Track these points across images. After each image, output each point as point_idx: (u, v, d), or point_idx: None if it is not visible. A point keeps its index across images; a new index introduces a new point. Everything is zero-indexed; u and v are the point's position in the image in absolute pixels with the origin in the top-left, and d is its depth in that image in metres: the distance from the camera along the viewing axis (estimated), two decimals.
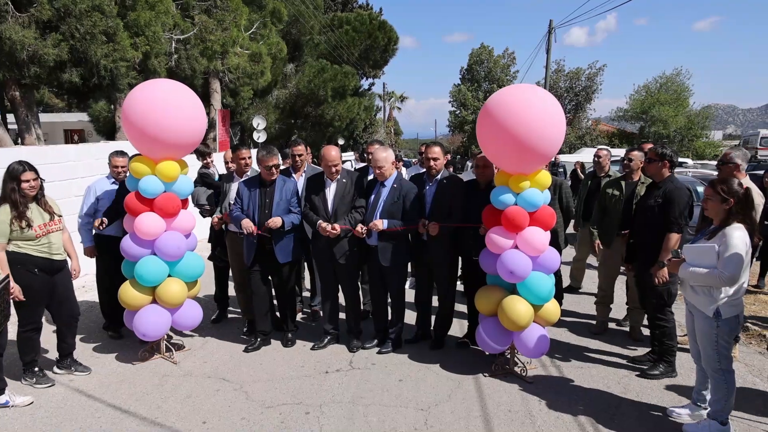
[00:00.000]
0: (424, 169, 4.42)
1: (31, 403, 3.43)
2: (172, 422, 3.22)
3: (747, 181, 4.04)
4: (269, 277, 4.41)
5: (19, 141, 10.63)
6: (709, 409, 3.06)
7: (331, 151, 4.17)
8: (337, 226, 4.09)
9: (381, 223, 4.04)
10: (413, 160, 16.67)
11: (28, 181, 3.49)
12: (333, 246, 4.21)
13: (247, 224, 4.09)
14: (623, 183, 4.59)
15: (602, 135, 32.01)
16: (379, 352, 4.27)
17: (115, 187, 4.50)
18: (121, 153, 4.60)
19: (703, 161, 20.70)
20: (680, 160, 16.60)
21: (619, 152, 15.71)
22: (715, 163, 16.60)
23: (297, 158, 4.76)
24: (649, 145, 4.90)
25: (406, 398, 3.53)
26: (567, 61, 56.07)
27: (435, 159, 4.18)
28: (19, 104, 9.12)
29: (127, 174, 4.45)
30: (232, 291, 5.14)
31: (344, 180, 4.25)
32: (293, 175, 4.87)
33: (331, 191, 4.24)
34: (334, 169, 4.18)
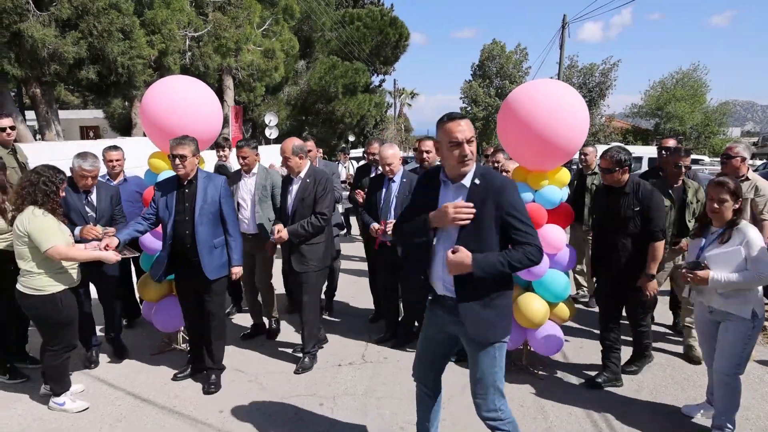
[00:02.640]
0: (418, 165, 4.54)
1: (86, 408, 3.34)
2: (189, 411, 3.31)
3: (752, 175, 4.00)
4: (199, 295, 3.61)
5: (38, 137, 10.86)
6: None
7: (287, 144, 3.78)
8: (283, 232, 3.72)
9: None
10: (411, 155, 16.65)
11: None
12: (291, 253, 3.85)
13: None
14: (671, 191, 4.02)
15: (616, 132, 31.65)
16: (393, 346, 4.31)
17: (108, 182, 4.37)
18: (114, 147, 4.55)
19: (717, 158, 20.42)
20: (696, 157, 16.37)
21: (633, 149, 15.58)
22: None
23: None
24: (671, 141, 4.75)
25: None
26: (580, 57, 55.51)
27: (428, 152, 4.27)
28: (40, 101, 9.32)
29: (121, 168, 4.48)
30: None
31: (308, 180, 3.82)
32: None
33: (292, 191, 3.88)
34: (288, 164, 3.81)
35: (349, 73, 21.68)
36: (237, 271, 3.61)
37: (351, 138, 24.88)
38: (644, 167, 12.71)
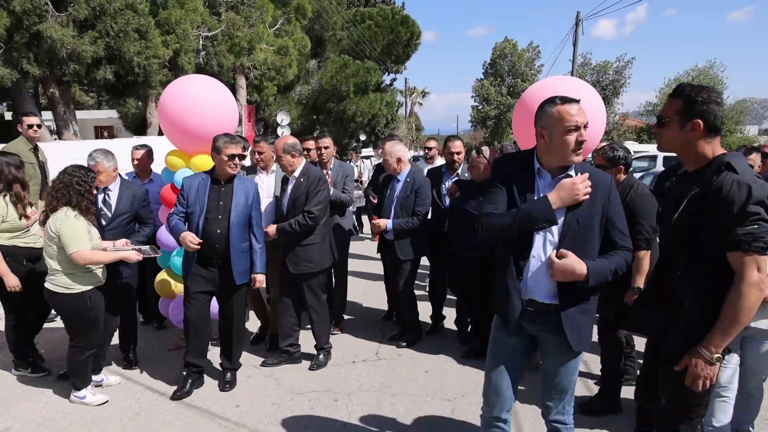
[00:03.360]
0: (430, 165, 4.67)
1: (106, 401, 3.40)
2: (207, 405, 3.35)
3: None
4: (214, 300, 3.62)
5: (54, 137, 11.05)
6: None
7: (279, 143, 3.72)
8: (270, 228, 3.74)
9: (385, 223, 4.10)
10: (420, 154, 16.61)
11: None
12: (286, 255, 3.80)
13: (190, 239, 3.24)
14: None
15: (630, 130, 31.29)
16: (398, 346, 4.29)
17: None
18: (140, 146, 4.58)
19: None
20: None
21: (648, 148, 15.36)
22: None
23: (322, 151, 4.65)
24: None
25: (433, 389, 3.59)
26: (594, 54, 54.94)
27: (458, 153, 4.30)
28: (58, 101, 9.47)
29: (144, 167, 4.50)
30: None
31: (301, 179, 3.76)
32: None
33: (287, 191, 3.82)
34: (280, 163, 3.76)
35: (360, 72, 21.72)
36: (261, 278, 3.57)
37: (362, 137, 24.94)
38: (659, 167, 12.50)
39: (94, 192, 3.31)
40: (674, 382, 1.91)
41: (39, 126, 4.61)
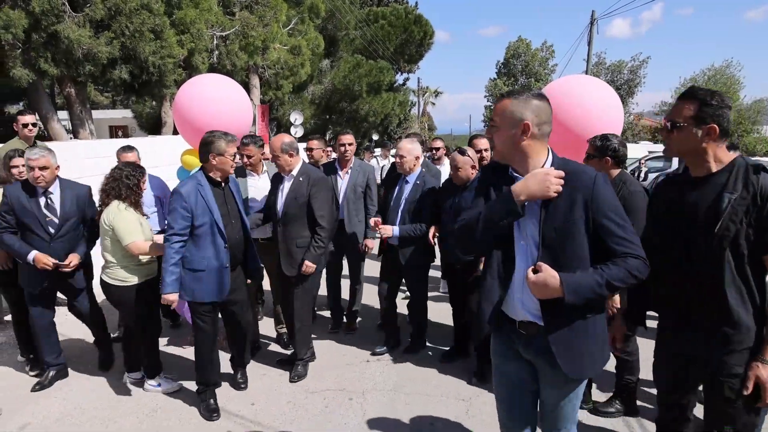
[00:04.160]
0: (438, 165, 4.54)
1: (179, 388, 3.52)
2: (222, 403, 3.36)
3: None
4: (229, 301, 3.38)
5: (71, 136, 11.21)
6: None
7: (276, 142, 3.57)
8: (310, 267, 3.55)
9: (391, 230, 3.83)
10: (427, 155, 16.42)
11: (17, 166, 3.71)
12: (282, 256, 3.65)
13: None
14: None
15: (645, 130, 30.90)
16: (387, 354, 4.09)
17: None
18: (128, 148, 4.27)
19: (754, 158, 19.72)
20: None
21: (663, 147, 15.12)
22: (767, 159, 15.75)
23: (346, 147, 4.47)
24: None
25: (447, 389, 3.56)
26: (608, 54, 54.40)
27: (485, 150, 4.09)
28: (74, 101, 9.59)
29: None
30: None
31: (301, 178, 3.57)
32: (339, 171, 4.52)
33: (284, 189, 3.65)
34: (278, 163, 3.60)
35: (373, 71, 21.73)
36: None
37: (375, 137, 24.95)
38: (674, 166, 12.33)
39: (144, 187, 3.43)
40: (737, 406, 1.81)
41: (34, 125, 4.59)
